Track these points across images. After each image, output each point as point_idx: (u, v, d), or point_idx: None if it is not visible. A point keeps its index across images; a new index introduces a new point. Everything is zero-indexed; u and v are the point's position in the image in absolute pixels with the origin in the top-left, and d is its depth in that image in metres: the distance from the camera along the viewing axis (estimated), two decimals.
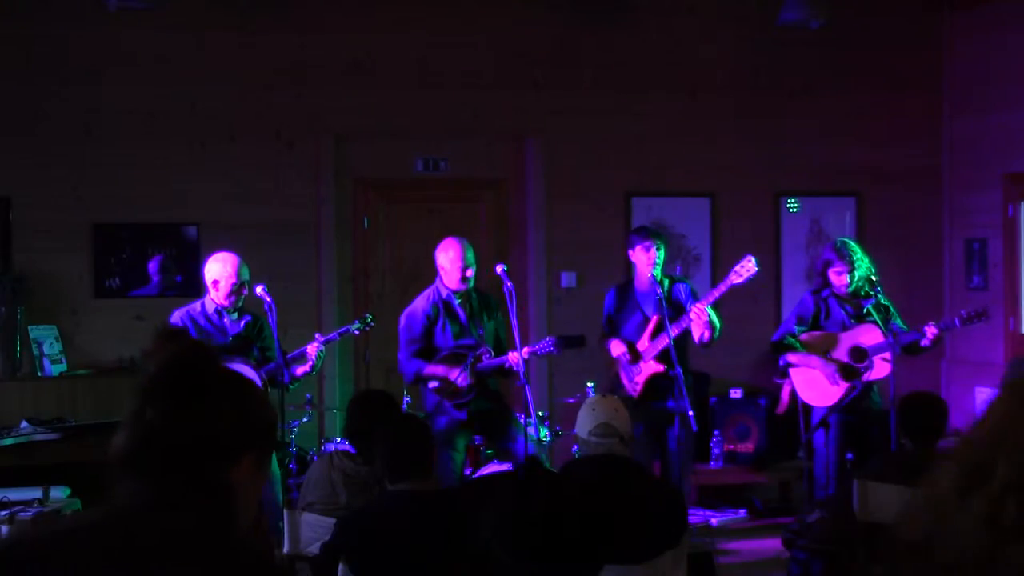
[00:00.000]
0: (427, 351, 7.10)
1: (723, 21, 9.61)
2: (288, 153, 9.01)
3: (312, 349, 6.95)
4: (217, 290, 6.83)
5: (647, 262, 7.25)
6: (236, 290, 6.83)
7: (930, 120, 9.97)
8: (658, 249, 7.25)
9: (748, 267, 7.17)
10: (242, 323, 6.93)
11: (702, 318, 7.05)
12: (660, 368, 7.27)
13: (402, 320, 7.24)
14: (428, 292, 7.20)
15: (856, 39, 9.74)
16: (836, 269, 7.40)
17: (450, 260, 7.07)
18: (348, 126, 9.11)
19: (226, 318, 6.89)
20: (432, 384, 7.04)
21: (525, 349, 7.00)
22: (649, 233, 7.36)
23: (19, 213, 8.63)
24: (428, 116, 9.17)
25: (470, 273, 7.04)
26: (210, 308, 6.88)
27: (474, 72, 9.26)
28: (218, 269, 6.86)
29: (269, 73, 8.96)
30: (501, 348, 7.13)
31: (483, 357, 7.01)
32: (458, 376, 6.99)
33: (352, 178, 9.22)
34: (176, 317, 6.90)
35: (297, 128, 9.01)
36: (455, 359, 7.03)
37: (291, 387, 7.01)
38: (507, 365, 6.98)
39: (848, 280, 7.37)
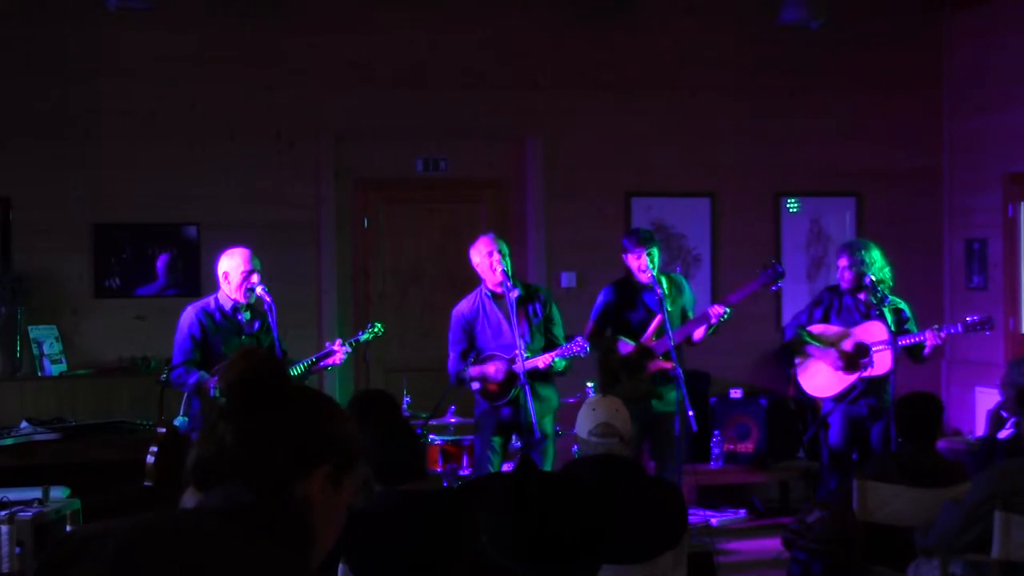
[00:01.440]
0: (469, 353, 7.11)
1: (723, 21, 9.61)
2: (288, 153, 9.01)
3: (339, 349, 6.96)
4: (228, 282, 6.80)
5: (638, 267, 7.31)
6: (247, 278, 6.81)
7: (930, 120, 9.97)
8: (648, 255, 7.27)
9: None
10: (256, 324, 6.92)
11: (716, 317, 7.14)
12: (667, 365, 7.30)
13: (450, 319, 7.26)
14: (473, 293, 7.19)
15: (856, 39, 9.74)
16: (842, 263, 7.66)
17: (482, 256, 7.03)
18: (348, 126, 9.11)
19: (240, 316, 6.87)
20: (474, 385, 7.08)
21: (553, 353, 6.99)
22: (639, 240, 7.34)
23: (19, 213, 8.63)
24: (428, 116, 9.17)
25: (497, 259, 6.96)
26: (226, 304, 6.83)
27: (474, 72, 9.25)
28: (228, 262, 6.85)
29: (269, 73, 8.96)
30: (553, 344, 7.08)
31: (516, 359, 6.96)
32: (495, 373, 6.99)
33: (352, 178, 9.22)
34: (190, 312, 6.84)
35: (297, 128, 9.01)
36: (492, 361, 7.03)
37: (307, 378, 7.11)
38: (538, 368, 6.94)
39: (850, 275, 7.54)
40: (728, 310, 7.19)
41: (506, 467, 7.33)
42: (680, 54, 9.54)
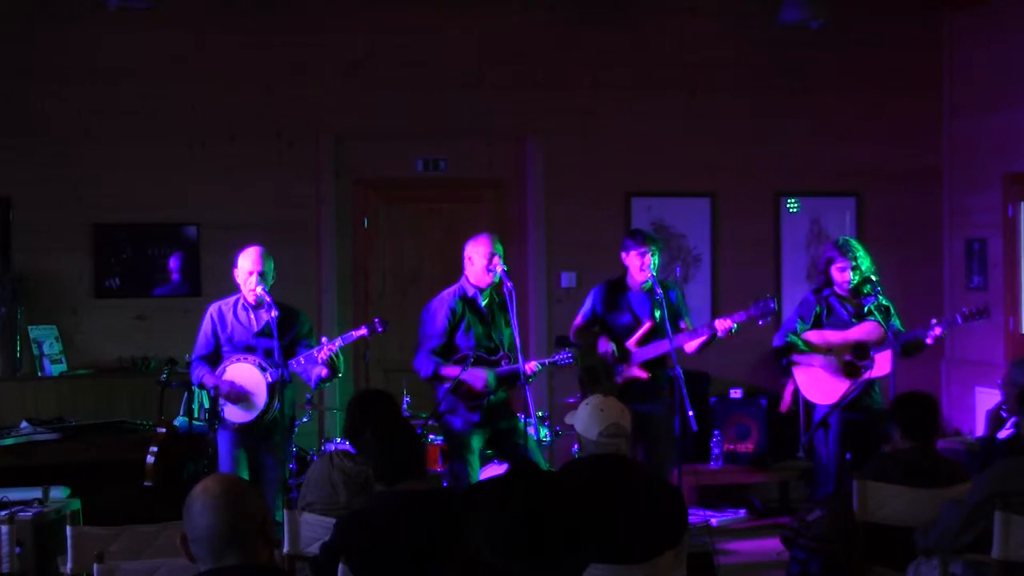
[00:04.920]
0: (446, 350, 6.94)
1: (723, 21, 9.60)
2: (288, 153, 9.01)
3: (325, 353, 6.92)
4: (243, 283, 6.89)
5: (640, 267, 7.25)
6: (257, 280, 6.85)
7: (930, 120, 9.97)
8: (652, 255, 7.23)
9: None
10: (261, 323, 6.94)
11: (724, 332, 7.10)
12: (644, 375, 7.25)
13: (424, 315, 7.06)
14: (453, 289, 7.01)
15: (856, 39, 9.74)
16: (839, 265, 7.51)
17: (478, 250, 6.91)
18: (348, 126, 9.11)
19: (251, 314, 6.92)
20: (448, 385, 6.84)
21: (535, 360, 6.98)
22: (644, 239, 7.29)
23: (19, 213, 8.63)
24: (428, 116, 9.17)
25: (496, 261, 6.86)
26: (240, 304, 6.94)
27: (474, 72, 9.25)
28: (243, 263, 6.93)
29: (269, 73, 8.95)
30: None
31: (502, 363, 6.93)
32: (482, 374, 6.84)
33: (352, 178, 9.22)
34: (210, 309, 6.99)
35: (297, 128, 9.01)
36: (476, 361, 6.89)
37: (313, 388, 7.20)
38: (525, 372, 6.81)
39: (850, 276, 7.46)
40: (736, 325, 7.12)
41: (487, 469, 7.28)
42: (680, 54, 9.53)
